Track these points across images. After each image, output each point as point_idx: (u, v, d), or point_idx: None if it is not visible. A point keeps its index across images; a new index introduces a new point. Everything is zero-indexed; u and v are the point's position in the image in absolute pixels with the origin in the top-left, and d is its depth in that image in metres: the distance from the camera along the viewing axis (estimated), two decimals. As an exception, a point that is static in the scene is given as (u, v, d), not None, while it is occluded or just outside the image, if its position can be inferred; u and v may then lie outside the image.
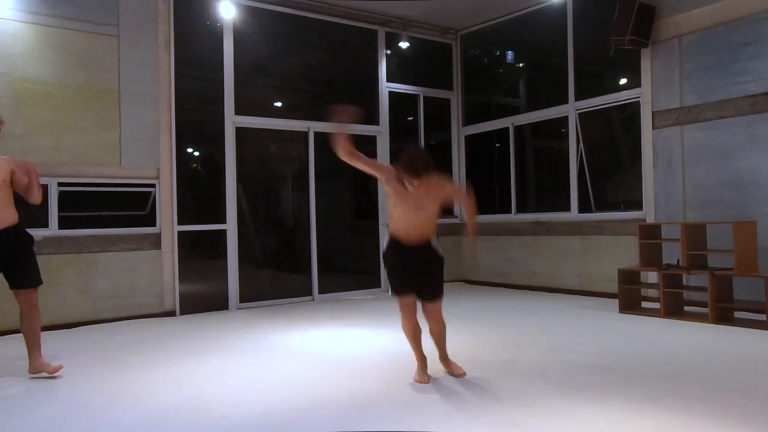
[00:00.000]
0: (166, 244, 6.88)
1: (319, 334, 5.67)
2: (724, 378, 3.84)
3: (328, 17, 8.17)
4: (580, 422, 3.08)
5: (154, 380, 4.15)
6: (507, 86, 9.39)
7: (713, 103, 6.35)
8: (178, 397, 3.74)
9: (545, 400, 3.48)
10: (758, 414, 3.13)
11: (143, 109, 6.79)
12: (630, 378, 3.88)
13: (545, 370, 4.12)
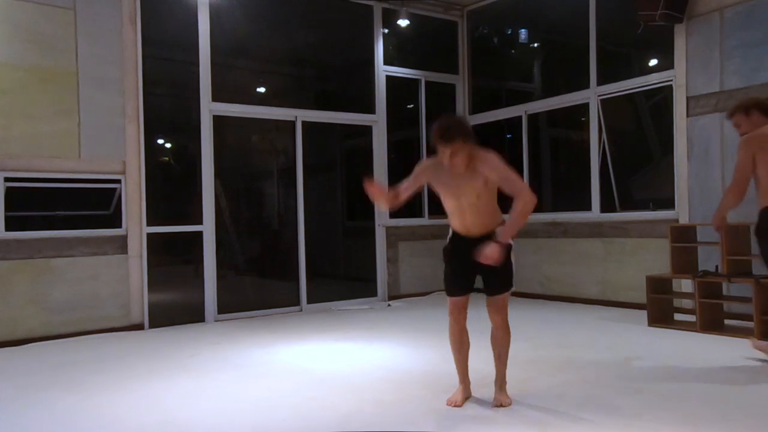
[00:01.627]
0: (134, 248, 6.79)
1: (308, 349, 5.64)
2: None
3: (317, -9, 8.14)
4: None
5: (116, 404, 4.08)
6: (520, 69, 9.40)
7: (760, 85, 6.27)
8: (145, 422, 3.68)
9: (563, 423, 3.48)
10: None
11: (106, 94, 6.69)
12: (661, 401, 3.84)
13: (563, 390, 4.12)
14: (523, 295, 8.48)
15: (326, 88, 8.78)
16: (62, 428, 3.63)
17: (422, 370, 4.75)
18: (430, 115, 9.16)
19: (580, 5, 7.90)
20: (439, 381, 4.37)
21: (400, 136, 9.06)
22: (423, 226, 9.02)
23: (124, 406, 4.01)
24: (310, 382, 4.48)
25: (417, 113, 9.16)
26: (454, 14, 9.36)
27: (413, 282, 8.87)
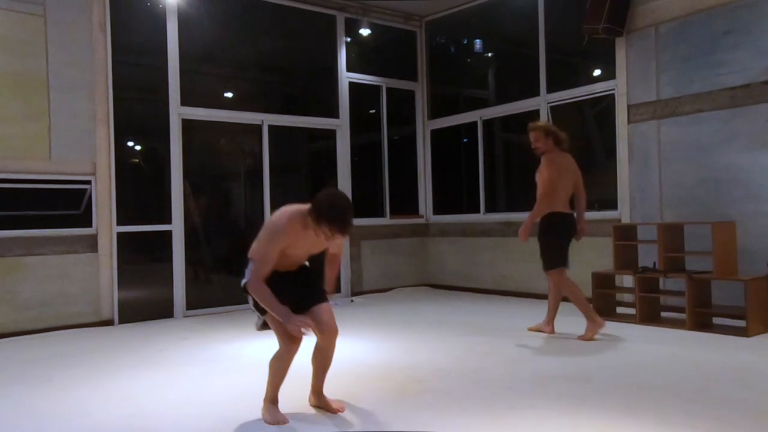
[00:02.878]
0: (104, 247, 6.71)
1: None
2: (701, 388, 3.87)
3: (282, 1, 8.08)
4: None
5: (85, 398, 4.02)
6: (475, 77, 9.42)
7: (691, 96, 6.43)
8: (114, 415, 3.63)
9: (514, 412, 3.48)
10: (736, 426, 3.15)
11: (76, 98, 6.60)
12: (603, 389, 3.90)
13: (514, 381, 4.13)
14: (478, 291, 8.58)
15: (292, 93, 8.74)
16: (32, 422, 3.57)
17: (383, 364, 4.73)
18: (391, 120, 9.22)
19: (530, 18, 7.97)
20: (400, 375, 4.38)
21: (363, 139, 9.06)
22: (384, 226, 9.04)
23: (93, 400, 3.95)
24: None
25: (379, 118, 9.17)
26: (413, 24, 9.38)
27: (375, 279, 8.89)
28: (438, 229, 9.35)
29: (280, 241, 3.39)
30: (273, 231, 3.42)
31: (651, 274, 6.08)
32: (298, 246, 3.48)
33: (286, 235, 3.39)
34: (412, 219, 9.35)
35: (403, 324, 6.40)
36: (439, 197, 9.49)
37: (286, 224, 3.41)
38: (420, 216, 9.45)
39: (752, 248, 5.90)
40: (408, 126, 9.51)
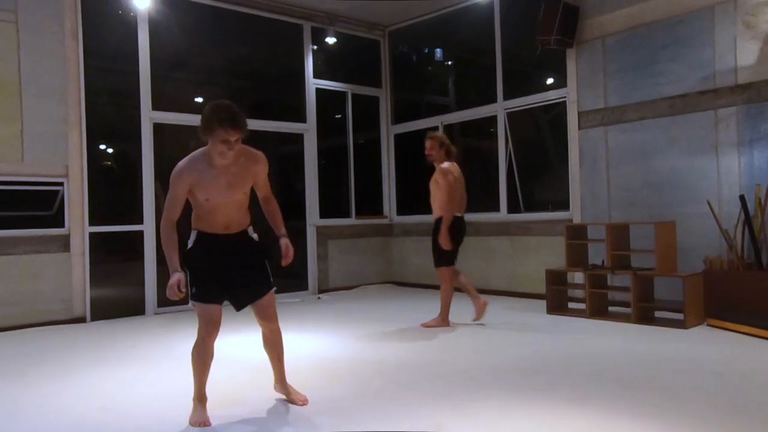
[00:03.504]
0: (76, 247, 6.64)
1: (243, 340, 5.52)
2: (644, 377, 3.98)
3: (251, 10, 8.06)
4: (507, 424, 3.14)
5: (58, 392, 3.97)
6: (436, 84, 9.48)
7: (635, 104, 6.58)
8: (87, 409, 3.60)
9: (473, 403, 3.51)
10: (675, 413, 3.25)
11: (49, 102, 6.52)
12: (556, 379, 3.97)
13: (473, 373, 4.17)
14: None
15: (260, 99, 8.71)
16: (6, 416, 3.54)
17: (349, 358, 4.74)
18: (356, 125, 9.23)
19: (487, 29, 8.05)
20: (365, 368, 4.39)
21: (330, 143, 9.06)
22: (350, 226, 9.07)
23: (65, 394, 3.92)
24: (243, 370, 4.42)
25: (344, 123, 9.18)
26: (376, 34, 9.42)
27: (341, 277, 8.90)
28: (401, 229, 9.40)
29: (184, 180, 3.28)
30: (175, 173, 3.33)
31: (600, 271, 6.17)
32: (210, 186, 3.30)
33: (189, 171, 3.29)
34: (376, 219, 9.39)
35: (368, 320, 6.41)
36: (402, 198, 9.51)
37: (185, 162, 3.34)
38: (384, 216, 9.49)
39: (690, 246, 6.06)
40: (372, 130, 9.53)
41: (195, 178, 3.29)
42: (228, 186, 3.34)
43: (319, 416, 3.38)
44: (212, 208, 3.39)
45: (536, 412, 3.31)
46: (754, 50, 5.76)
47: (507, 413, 3.31)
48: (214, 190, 3.32)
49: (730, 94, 5.93)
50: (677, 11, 6.26)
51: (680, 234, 6.05)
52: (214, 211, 3.40)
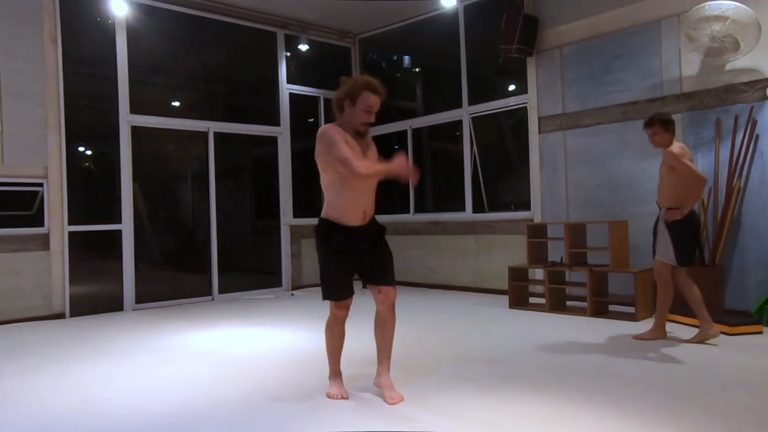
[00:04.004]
0: (56, 245, 6.59)
1: (218, 334, 5.58)
2: (597, 366, 4.08)
3: (226, 18, 8.06)
4: (470, 413, 3.19)
5: (38, 386, 3.95)
6: (404, 90, 9.53)
7: (591, 110, 6.71)
8: (67, 402, 3.59)
9: (440, 393, 3.55)
10: (625, 399, 3.35)
11: (28, 105, 6.47)
12: (517, 370, 4.03)
13: (440, 364, 4.21)
14: (409, 284, 8.62)
15: (236, 103, 8.71)
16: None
17: (321, 351, 4.55)
18: (328, 128, 9.27)
19: (452, 38, 8.12)
20: None
21: (303, 145, 9.06)
22: (321, 225, 9.10)
23: (45, 388, 3.89)
24: (219, 363, 4.43)
25: (317, 126, 9.19)
26: (347, 41, 9.46)
27: (314, 274, 8.88)
28: (371, 228, 9.41)
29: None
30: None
31: (558, 268, 6.26)
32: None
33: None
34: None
35: None
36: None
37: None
38: (355, 216, 9.53)
39: (641, 244, 6.15)
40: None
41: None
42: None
43: (292, 405, 3.41)
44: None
45: (498, 401, 3.37)
46: (696, 62, 5.92)
47: (470, 402, 3.37)
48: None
49: (676, 102, 6.08)
50: (627, 24, 6.40)
51: (632, 232, 6.17)
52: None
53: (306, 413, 3.28)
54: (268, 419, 3.19)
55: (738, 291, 5.67)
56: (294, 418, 3.20)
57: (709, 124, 5.86)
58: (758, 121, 5.58)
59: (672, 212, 4.67)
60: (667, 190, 4.75)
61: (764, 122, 5.55)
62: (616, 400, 3.34)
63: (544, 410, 3.21)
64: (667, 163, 4.70)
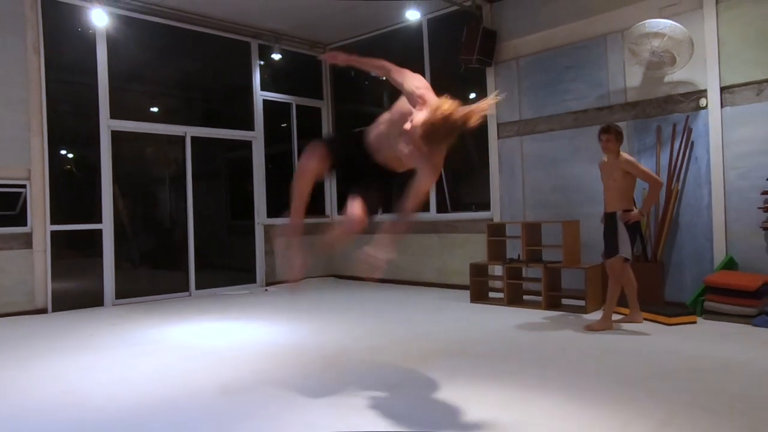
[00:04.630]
0: (38, 244, 6.53)
1: (195, 328, 5.56)
2: (552, 356, 4.18)
3: (202, 28, 8.04)
4: (436, 401, 3.24)
5: (20, 377, 3.93)
6: (372, 97, 9.55)
7: (545, 117, 6.85)
8: (48, 392, 3.58)
9: (407, 382, 3.59)
10: (578, 386, 3.45)
11: (12, 111, 6.40)
12: (477, 360, 4.09)
13: (405, 357, 4.23)
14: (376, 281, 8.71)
15: (212, 109, 8.68)
16: None
17: (293, 345, 4.74)
18: (300, 133, 9.27)
19: (417, 48, 8.16)
20: (308, 353, 4.40)
21: (276, 149, 9.08)
22: (294, 224, 9.12)
23: (28, 379, 3.87)
24: (195, 356, 4.41)
25: (289, 131, 9.23)
26: (317, 51, 9.44)
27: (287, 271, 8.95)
28: (341, 227, 9.45)
29: None
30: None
31: (516, 264, 6.35)
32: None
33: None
34: (319, 218, 9.47)
35: (311, 310, 6.46)
36: (342, 199, 9.53)
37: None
38: (326, 216, 9.59)
39: (591, 242, 6.29)
40: (315, 138, 9.58)
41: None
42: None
43: (265, 394, 3.44)
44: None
45: (462, 388, 3.42)
46: (639, 74, 6.10)
47: (435, 391, 3.40)
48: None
49: (621, 111, 6.25)
50: (577, 38, 6.56)
51: (583, 231, 6.29)
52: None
53: (279, 402, 3.31)
54: (242, 408, 3.21)
55: (676, 284, 5.87)
56: (266, 407, 3.22)
57: (650, 131, 6.05)
58: (693, 129, 5.78)
59: (628, 214, 4.91)
60: (623, 193, 4.99)
61: (698, 130, 5.75)
62: (569, 385, 3.44)
63: (504, 395, 3.28)
64: (622, 170, 4.93)
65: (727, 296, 5.15)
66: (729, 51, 5.55)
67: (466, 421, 2.94)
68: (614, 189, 5.02)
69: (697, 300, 5.42)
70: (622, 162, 4.95)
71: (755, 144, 5.42)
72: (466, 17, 7.36)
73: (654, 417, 2.90)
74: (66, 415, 3.17)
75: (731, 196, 5.55)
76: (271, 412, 3.13)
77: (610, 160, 5.04)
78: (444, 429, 2.84)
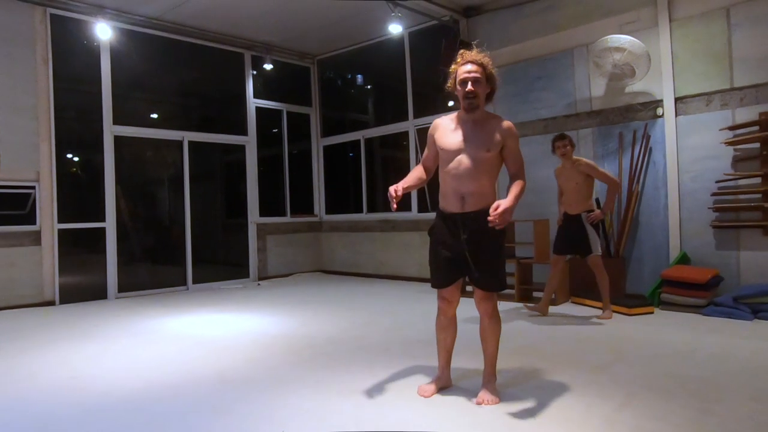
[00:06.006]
0: (46, 241, 6.52)
1: (192, 320, 5.57)
2: (523, 345, 4.21)
3: (199, 41, 8.05)
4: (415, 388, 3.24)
5: (30, 364, 3.94)
6: (358, 104, 9.58)
7: (519, 123, 6.86)
8: (57, 377, 3.59)
9: (389, 370, 3.58)
10: (546, 371, 3.52)
11: (22, 118, 6.40)
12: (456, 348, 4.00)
13: (389, 345, 4.24)
14: (362, 275, 8.72)
15: (208, 115, 8.67)
16: None
17: (284, 335, 4.75)
18: (290, 137, 9.30)
19: (399, 59, 8.22)
20: (298, 342, 4.41)
21: (268, 153, 9.09)
22: (286, 223, 9.14)
23: (37, 366, 3.88)
24: (193, 345, 4.42)
25: (280, 136, 9.25)
26: (307, 61, 9.51)
27: (278, 266, 8.97)
28: (329, 226, 9.49)
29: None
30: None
31: None
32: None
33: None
34: (308, 218, 9.50)
35: (300, 303, 6.46)
36: (330, 200, 9.60)
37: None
38: (315, 215, 9.60)
39: (560, 239, 6.45)
40: (304, 142, 9.61)
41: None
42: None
43: (259, 381, 3.46)
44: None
45: None
46: (602, 85, 6.20)
47: (416, 378, 3.41)
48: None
49: (587, 118, 6.35)
50: (546, 51, 6.65)
51: (553, 229, 6.34)
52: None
53: (272, 387, 3.33)
54: (238, 394, 3.23)
55: (636, 277, 5.98)
56: (260, 391, 3.25)
57: (613, 137, 6.15)
58: (651, 135, 5.89)
59: (592, 214, 5.03)
60: (584, 195, 5.08)
61: (656, 137, 5.86)
62: (536, 371, 3.50)
63: (477, 381, 3.28)
64: (583, 173, 4.99)
65: (681, 288, 5.26)
66: (682, 65, 5.67)
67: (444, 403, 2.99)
68: (576, 192, 5.08)
69: (654, 292, 5.51)
70: (583, 166, 5.02)
71: (705, 150, 5.54)
72: (444, 31, 7.43)
73: (614, 399, 2.98)
74: (73, 399, 3.19)
75: (685, 198, 5.66)
76: (265, 396, 3.15)
77: (567, 165, 5.10)
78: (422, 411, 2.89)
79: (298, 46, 9.03)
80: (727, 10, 5.39)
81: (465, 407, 2.91)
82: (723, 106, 5.42)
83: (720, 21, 5.44)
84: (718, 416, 2.71)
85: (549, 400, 3.00)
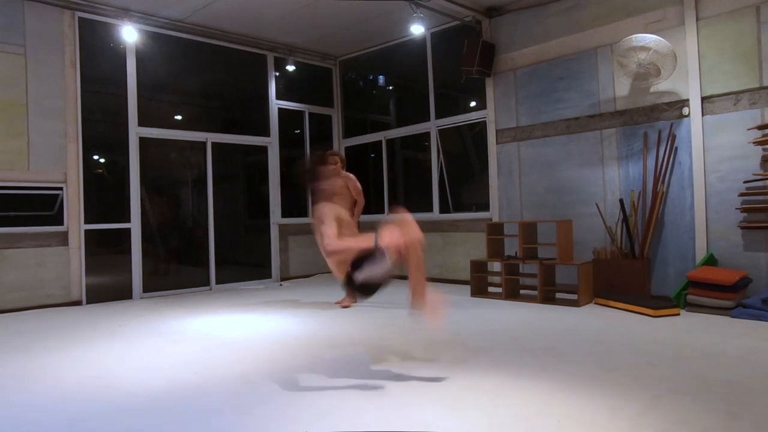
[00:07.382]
0: (73, 241, 6.63)
1: (215, 320, 5.59)
2: (546, 346, 4.17)
3: (223, 43, 8.12)
4: (437, 389, 3.25)
5: (58, 363, 3.98)
6: (380, 105, 9.58)
7: (540, 124, 6.87)
8: (83, 376, 3.63)
9: (411, 371, 3.58)
10: (570, 373, 3.47)
11: (51, 120, 6.51)
12: (477, 350, 4.08)
13: (408, 346, 4.24)
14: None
15: (231, 116, 8.74)
16: (16, 383, 3.55)
17: (305, 335, 4.77)
18: (313, 139, 9.34)
19: (421, 60, 8.21)
20: (319, 342, 4.43)
21: (290, 154, 9.11)
22: (308, 224, 9.09)
23: (64, 366, 3.92)
24: (216, 345, 4.44)
25: (302, 137, 9.29)
26: (329, 63, 9.54)
27: (299, 267, 9.00)
28: (351, 226, 9.47)
29: None
30: None
31: (513, 261, 6.33)
32: None
33: None
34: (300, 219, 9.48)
35: (322, 303, 6.47)
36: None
37: None
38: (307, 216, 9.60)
39: (583, 240, 6.36)
40: (326, 143, 9.62)
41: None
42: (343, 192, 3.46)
43: (282, 381, 3.47)
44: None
45: (462, 377, 3.41)
46: (627, 84, 6.12)
47: (437, 378, 3.41)
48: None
49: (611, 118, 6.27)
50: (569, 51, 6.58)
51: (576, 230, 6.33)
52: None
53: (293, 387, 3.34)
54: (261, 394, 3.24)
55: (661, 279, 5.89)
56: (282, 392, 3.25)
57: (638, 137, 6.07)
58: (677, 135, 5.80)
59: None
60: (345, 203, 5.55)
61: (681, 137, 5.77)
62: (560, 373, 3.46)
63: (500, 383, 3.29)
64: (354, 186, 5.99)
65: (707, 290, 5.18)
66: (709, 64, 5.57)
67: (466, 405, 2.98)
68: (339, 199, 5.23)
69: (680, 294, 5.43)
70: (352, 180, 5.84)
71: (733, 150, 5.44)
72: (466, 31, 7.40)
73: (639, 401, 2.93)
74: (100, 398, 3.21)
75: (712, 198, 5.57)
76: (288, 397, 3.16)
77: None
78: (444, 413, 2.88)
79: (321, 47, 9.06)
80: (757, 8, 5.29)
81: (487, 409, 2.89)
82: (752, 105, 5.32)
83: (749, 19, 5.34)
84: (749, 421, 2.66)
85: (572, 402, 2.97)
